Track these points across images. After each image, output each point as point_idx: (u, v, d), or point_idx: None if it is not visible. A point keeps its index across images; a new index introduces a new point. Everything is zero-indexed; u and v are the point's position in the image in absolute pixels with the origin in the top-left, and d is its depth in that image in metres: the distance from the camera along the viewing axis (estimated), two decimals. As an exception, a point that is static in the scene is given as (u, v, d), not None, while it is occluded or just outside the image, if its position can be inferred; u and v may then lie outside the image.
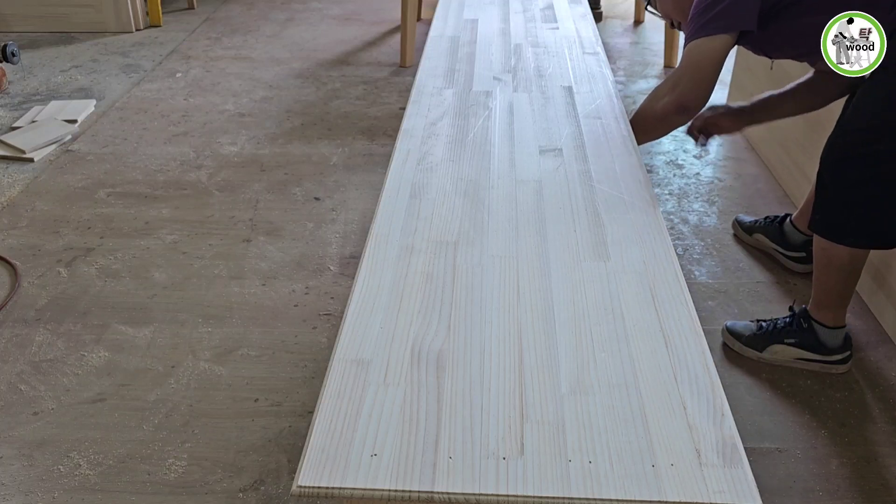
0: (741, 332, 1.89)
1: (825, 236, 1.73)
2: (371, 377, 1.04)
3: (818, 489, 1.55)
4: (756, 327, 1.88)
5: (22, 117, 3.16)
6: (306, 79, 3.58)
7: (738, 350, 1.88)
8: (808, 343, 1.82)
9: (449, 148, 1.66)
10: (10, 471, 1.58)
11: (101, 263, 2.25)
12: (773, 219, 2.26)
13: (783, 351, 1.84)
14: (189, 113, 3.24)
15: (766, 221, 2.27)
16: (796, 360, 1.84)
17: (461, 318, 1.16)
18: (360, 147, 2.94)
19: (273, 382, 1.81)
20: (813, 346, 1.82)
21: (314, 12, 4.56)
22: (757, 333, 1.87)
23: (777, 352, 1.84)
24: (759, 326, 1.88)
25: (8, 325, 2.00)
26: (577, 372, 1.05)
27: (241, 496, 1.53)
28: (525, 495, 0.88)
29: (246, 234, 2.38)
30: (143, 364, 1.87)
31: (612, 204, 1.46)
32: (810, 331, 1.81)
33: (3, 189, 2.65)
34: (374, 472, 0.90)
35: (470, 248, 1.32)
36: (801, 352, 1.83)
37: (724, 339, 1.92)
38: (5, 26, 4.18)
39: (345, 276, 2.18)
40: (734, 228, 2.37)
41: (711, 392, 1.02)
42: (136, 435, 1.67)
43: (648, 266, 1.28)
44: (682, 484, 0.89)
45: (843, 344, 1.81)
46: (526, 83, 2.00)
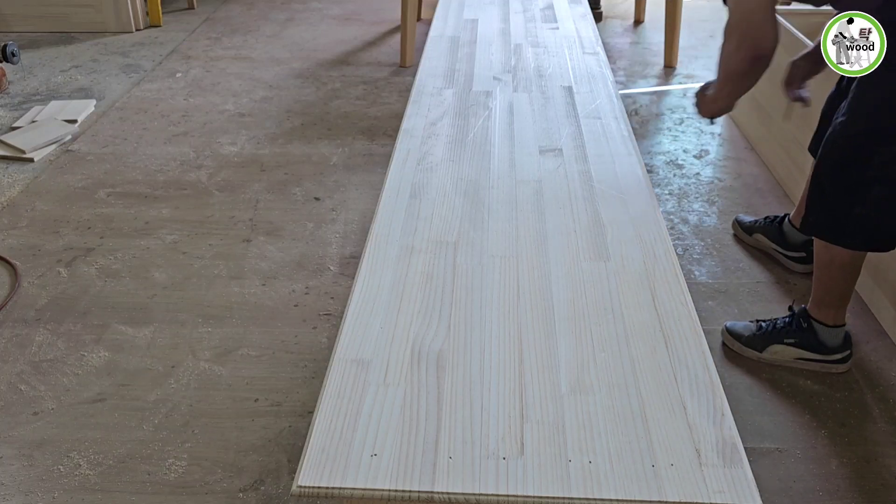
0: (741, 333, 1.89)
1: (822, 238, 1.73)
2: (371, 377, 1.05)
3: (818, 489, 1.55)
4: (756, 327, 1.88)
5: (22, 117, 3.16)
6: (306, 79, 3.58)
7: (737, 350, 1.88)
8: (808, 343, 1.82)
9: (449, 148, 1.66)
10: (10, 471, 1.58)
11: (101, 263, 2.25)
12: (772, 219, 2.26)
13: (783, 351, 1.84)
14: (189, 113, 3.24)
15: (766, 221, 2.27)
16: (796, 359, 1.84)
17: (461, 318, 1.16)
18: (360, 147, 2.94)
19: (273, 382, 1.81)
20: (813, 346, 1.82)
21: (314, 12, 4.56)
22: (756, 334, 1.87)
23: (777, 352, 1.84)
24: (759, 327, 1.88)
25: (8, 325, 2.00)
26: (577, 372, 1.06)
27: (241, 496, 1.53)
28: (525, 495, 0.88)
29: (246, 234, 2.38)
30: (143, 364, 1.87)
31: (612, 204, 1.46)
32: (810, 330, 1.81)
33: (3, 189, 2.65)
34: (374, 473, 0.91)
35: (470, 248, 1.32)
36: (801, 351, 1.82)
37: (723, 340, 1.92)
38: (5, 26, 4.17)
39: (345, 276, 2.18)
40: (734, 228, 2.37)
41: (711, 392, 1.02)
42: (136, 435, 1.67)
43: (648, 266, 1.28)
44: (682, 484, 0.89)
45: (843, 343, 1.81)
46: (526, 83, 2.00)
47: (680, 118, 3.17)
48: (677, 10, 3.61)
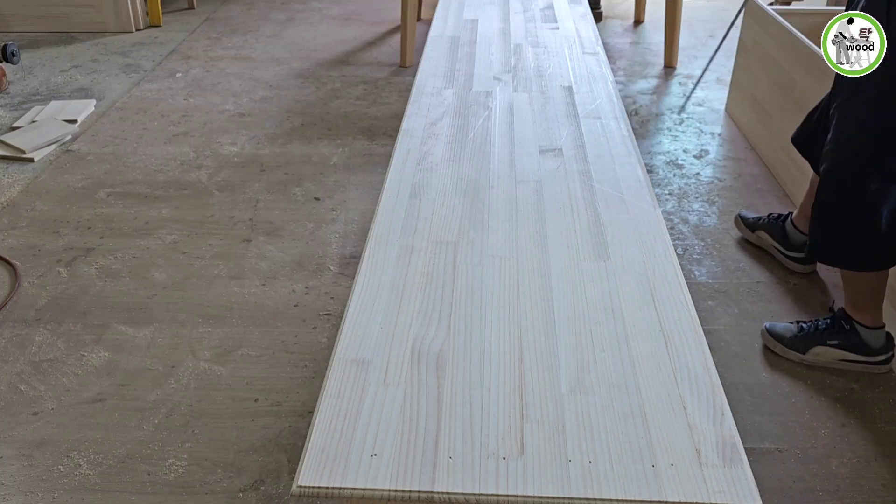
0: (782, 334, 1.87)
1: (833, 265, 1.73)
2: (371, 377, 1.04)
3: (818, 489, 1.55)
4: (797, 329, 1.87)
5: (22, 117, 3.16)
6: (306, 79, 3.58)
7: (778, 352, 1.86)
8: (851, 344, 1.80)
9: (449, 148, 1.66)
10: (10, 471, 1.58)
11: (101, 263, 2.25)
12: (776, 216, 2.26)
13: (825, 353, 1.82)
14: (189, 113, 3.24)
15: (770, 219, 2.26)
16: (839, 361, 1.82)
17: (461, 318, 1.16)
18: (360, 147, 2.94)
19: (273, 382, 1.81)
20: (856, 347, 1.80)
21: (314, 12, 4.56)
22: (798, 335, 1.85)
23: (819, 353, 1.83)
24: (800, 328, 1.86)
25: (8, 325, 2.00)
26: (577, 372, 1.05)
27: (241, 496, 1.53)
28: (525, 495, 0.88)
29: (246, 234, 2.38)
30: (143, 364, 1.87)
31: (612, 204, 1.46)
32: (853, 332, 1.80)
33: (3, 189, 2.65)
34: (374, 472, 0.90)
35: (470, 248, 1.32)
36: (845, 353, 1.81)
37: (764, 342, 1.90)
38: (5, 26, 4.17)
39: (345, 276, 2.18)
40: (736, 224, 2.36)
41: (711, 392, 1.02)
42: (136, 435, 1.67)
43: (648, 266, 1.28)
44: (682, 484, 0.89)
45: (886, 344, 1.80)
46: (526, 83, 2.00)
47: (680, 118, 3.17)
48: (677, 10, 3.61)
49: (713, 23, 4.28)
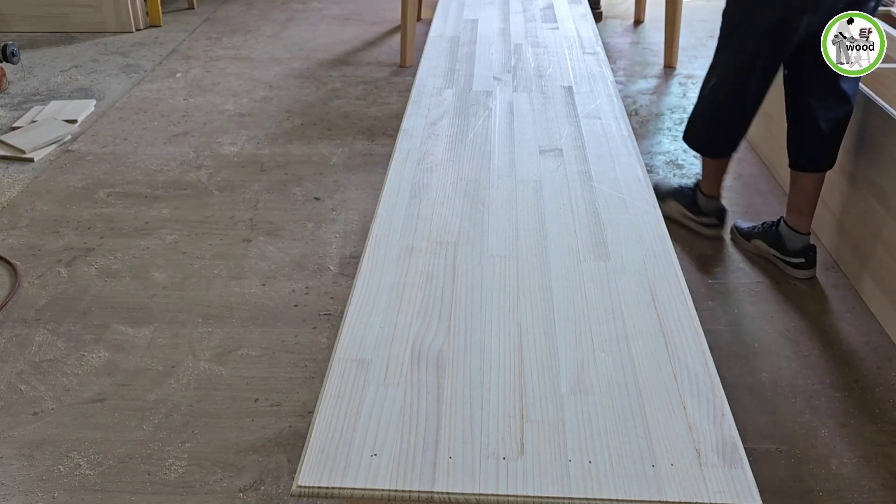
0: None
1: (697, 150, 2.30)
2: (371, 377, 1.04)
3: (818, 489, 1.55)
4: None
5: (22, 117, 3.16)
6: (306, 79, 3.58)
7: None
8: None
9: (449, 148, 1.66)
10: (10, 471, 1.58)
11: (101, 263, 2.25)
12: (770, 224, 2.26)
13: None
14: (189, 113, 3.24)
15: (764, 227, 2.26)
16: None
17: (461, 318, 1.16)
18: (360, 147, 2.94)
19: (273, 382, 1.81)
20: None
21: (314, 12, 4.56)
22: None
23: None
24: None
25: (8, 325, 2.00)
26: (577, 372, 1.05)
27: (241, 496, 1.53)
28: (525, 495, 0.88)
29: (246, 234, 2.39)
30: (143, 364, 1.87)
31: (612, 204, 1.46)
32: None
33: (3, 189, 2.65)
34: (374, 472, 0.90)
35: (470, 248, 1.32)
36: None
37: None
38: (5, 26, 4.18)
39: (345, 276, 2.18)
40: (732, 235, 2.36)
41: (711, 392, 1.02)
42: (136, 435, 1.67)
43: (648, 266, 1.28)
44: (682, 484, 0.89)
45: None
46: (526, 83, 2.00)
47: (680, 118, 3.17)
48: (677, 10, 3.61)
49: (713, 23, 4.26)
